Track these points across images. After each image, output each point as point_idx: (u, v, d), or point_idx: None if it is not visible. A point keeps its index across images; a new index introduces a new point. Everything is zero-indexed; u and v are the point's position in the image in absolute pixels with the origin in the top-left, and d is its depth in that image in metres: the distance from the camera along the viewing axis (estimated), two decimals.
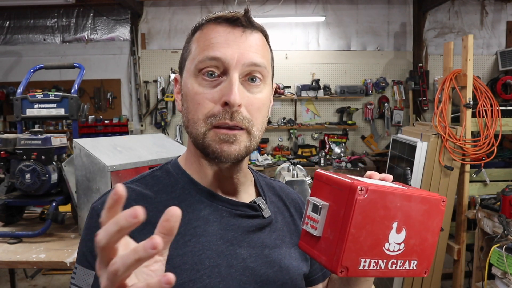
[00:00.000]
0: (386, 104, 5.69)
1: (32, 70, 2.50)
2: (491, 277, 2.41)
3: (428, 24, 5.70)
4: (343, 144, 5.61)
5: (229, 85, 0.68)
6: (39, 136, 1.99)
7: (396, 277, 1.88)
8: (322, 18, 5.54)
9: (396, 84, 5.72)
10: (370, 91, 5.69)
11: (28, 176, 1.90)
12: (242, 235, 0.74)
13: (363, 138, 5.81)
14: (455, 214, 2.86)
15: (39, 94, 2.20)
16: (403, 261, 0.60)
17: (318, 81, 5.57)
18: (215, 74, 0.70)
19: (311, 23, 5.74)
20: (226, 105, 0.68)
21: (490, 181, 2.87)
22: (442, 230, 2.67)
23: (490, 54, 5.74)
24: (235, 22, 0.71)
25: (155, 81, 5.71)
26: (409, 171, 2.76)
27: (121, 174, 1.74)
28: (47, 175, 1.94)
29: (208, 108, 0.69)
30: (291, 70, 5.69)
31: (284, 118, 5.69)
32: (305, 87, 5.58)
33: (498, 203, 2.51)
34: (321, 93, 5.61)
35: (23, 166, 1.91)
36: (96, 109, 5.76)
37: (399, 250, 0.59)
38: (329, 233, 0.58)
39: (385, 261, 0.59)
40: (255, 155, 5.30)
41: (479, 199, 2.73)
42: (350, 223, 0.55)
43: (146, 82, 5.72)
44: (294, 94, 5.65)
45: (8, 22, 5.79)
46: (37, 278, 3.68)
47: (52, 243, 1.91)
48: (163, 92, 5.68)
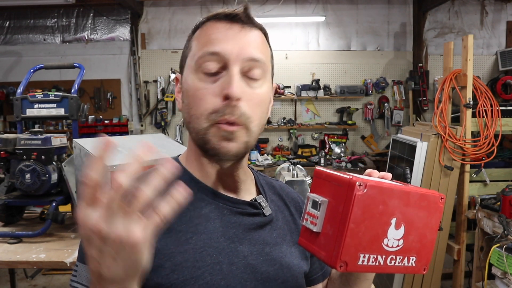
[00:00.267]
0: (386, 104, 5.68)
1: (32, 70, 2.49)
2: (491, 277, 2.41)
3: (428, 24, 5.70)
4: (343, 144, 5.61)
5: (229, 78, 0.68)
6: (39, 136, 1.98)
7: (395, 273, 1.88)
8: (322, 18, 5.54)
9: (396, 84, 5.71)
10: (370, 91, 5.69)
11: (28, 176, 1.90)
12: (243, 233, 0.74)
13: (363, 138, 5.81)
14: (455, 214, 2.86)
15: (39, 94, 2.20)
16: (402, 257, 0.60)
17: (318, 81, 5.57)
18: (215, 69, 0.70)
19: (311, 23, 5.74)
20: (226, 99, 0.68)
21: (490, 181, 2.87)
22: (440, 230, 2.68)
23: (490, 54, 5.74)
24: (234, 18, 0.72)
25: (155, 81, 5.71)
26: (408, 171, 2.76)
27: None
28: (47, 175, 1.94)
29: (209, 103, 0.69)
30: (291, 70, 5.70)
31: (284, 118, 5.69)
32: (305, 87, 5.58)
33: (498, 203, 2.51)
34: (321, 93, 5.61)
35: (23, 166, 1.91)
36: (96, 109, 5.76)
37: (398, 246, 0.60)
38: (328, 228, 0.58)
39: (384, 256, 0.59)
40: (255, 155, 5.30)
41: (479, 199, 2.73)
42: (349, 218, 0.55)
43: (146, 82, 5.72)
44: (294, 94, 5.65)
45: (8, 22, 5.79)
46: (37, 278, 3.68)
47: (52, 243, 1.91)
48: (163, 92, 5.68)
